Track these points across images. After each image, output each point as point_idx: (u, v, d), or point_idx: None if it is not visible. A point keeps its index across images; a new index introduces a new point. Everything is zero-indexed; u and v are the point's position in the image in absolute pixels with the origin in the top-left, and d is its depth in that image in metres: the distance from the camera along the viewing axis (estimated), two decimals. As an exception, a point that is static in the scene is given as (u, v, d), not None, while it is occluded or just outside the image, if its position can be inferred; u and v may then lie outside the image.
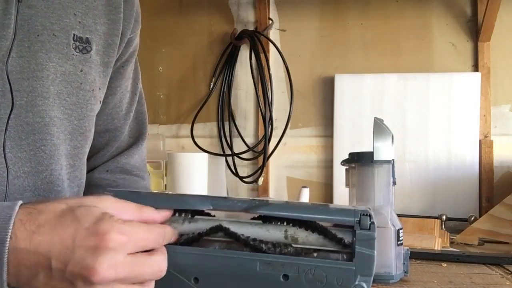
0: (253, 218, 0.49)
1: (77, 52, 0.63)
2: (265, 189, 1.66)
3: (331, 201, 1.60)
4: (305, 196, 1.42)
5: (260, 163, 1.62)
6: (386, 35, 1.64)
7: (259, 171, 1.62)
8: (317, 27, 1.68)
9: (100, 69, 0.68)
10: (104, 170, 0.77)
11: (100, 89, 0.69)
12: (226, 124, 1.70)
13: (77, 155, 0.68)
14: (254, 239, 0.46)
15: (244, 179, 1.66)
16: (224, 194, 1.64)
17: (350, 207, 0.47)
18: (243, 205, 0.47)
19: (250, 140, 1.69)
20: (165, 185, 1.51)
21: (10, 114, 0.57)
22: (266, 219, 0.48)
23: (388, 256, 0.79)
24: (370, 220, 0.45)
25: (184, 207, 0.48)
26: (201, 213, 0.50)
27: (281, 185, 1.68)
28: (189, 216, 0.49)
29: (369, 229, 0.45)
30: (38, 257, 0.41)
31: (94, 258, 0.40)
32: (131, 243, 0.42)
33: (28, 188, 0.60)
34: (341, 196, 1.57)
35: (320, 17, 1.68)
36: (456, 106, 1.55)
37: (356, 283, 0.45)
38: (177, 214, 0.49)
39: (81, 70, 0.64)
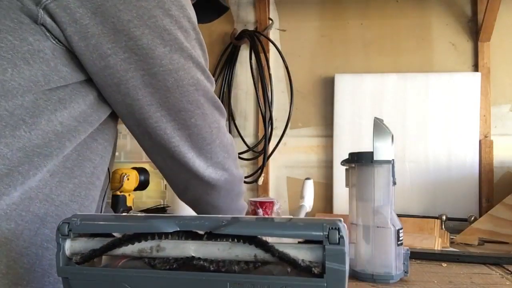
0: (208, 236, 0.48)
1: None
2: (265, 189, 1.66)
3: (331, 201, 1.60)
4: (309, 188, 1.41)
5: (260, 163, 1.62)
6: (386, 35, 1.64)
7: (259, 171, 1.62)
8: (317, 27, 1.68)
9: None
10: None
11: None
12: (226, 124, 1.70)
13: None
14: (224, 261, 0.46)
15: (244, 179, 1.66)
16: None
17: (319, 221, 0.45)
18: (210, 224, 0.46)
19: (250, 140, 1.69)
20: (165, 185, 1.51)
21: None
22: (227, 237, 0.47)
23: (388, 256, 0.79)
24: (339, 234, 0.44)
25: (149, 231, 0.47)
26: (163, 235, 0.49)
27: (281, 185, 1.68)
28: (159, 241, 0.48)
29: (339, 243, 0.44)
30: None
31: None
32: None
33: None
34: (341, 196, 1.57)
35: (320, 17, 1.68)
36: (456, 106, 1.55)
37: None
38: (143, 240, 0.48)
39: None
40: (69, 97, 0.62)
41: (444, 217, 1.36)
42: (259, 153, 1.64)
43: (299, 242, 0.47)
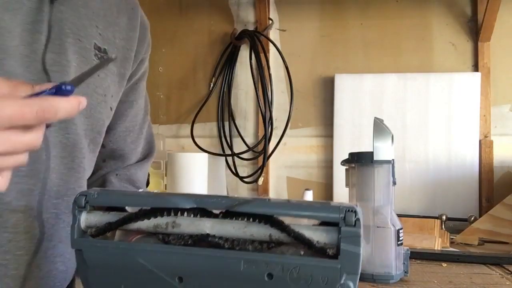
0: (224, 215, 0.48)
1: (96, 59, 0.70)
2: (265, 189, 1.66)
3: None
4: (309, 199, 1.41)
5: (260, 163, 1.62)
6: (386, 35, 1.64)
7: (259, 171, 1.62)
8: (317, 27, 1.68)
9: (115, 79, 0.75)
10: (114, 174, 0.86)
11: (112, 96, 0.75)
12: (226, 124, 1.70)
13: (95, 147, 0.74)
14: (239, 239, 0.46)
15: (244, 179, 1.66)
16: (224, 194, 1.64)
17: (336, 204, 0.46)
18: (227, 203, 0.47)
19: (250, 140, 1.69)
20: (165, 185, 1.51)
21: None
22: (243, 216, 0.47)
23: (388, 256, 0.79)
24: (355, 217, 0.44)
25: (167, 206, 0.48)
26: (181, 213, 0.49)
27: (281, 185, 1.68)
28: (174, 219, 0.48)
29: (354, 225, 0.44)
30: None
31: None
32: (3, 119, 0.40)
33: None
34: (341, 196, 1.57)
35: (320, 17, 1.68)
36: (456, 106, 1.55)
37: (342, 281, 0.43)
38: (159, 216, 0.48)
39: (98, 75, 0.71)
40: None
41: (444, 217, 1.36)
42: (259, 153, 1.64)
43: (313, 225, 0.47)
